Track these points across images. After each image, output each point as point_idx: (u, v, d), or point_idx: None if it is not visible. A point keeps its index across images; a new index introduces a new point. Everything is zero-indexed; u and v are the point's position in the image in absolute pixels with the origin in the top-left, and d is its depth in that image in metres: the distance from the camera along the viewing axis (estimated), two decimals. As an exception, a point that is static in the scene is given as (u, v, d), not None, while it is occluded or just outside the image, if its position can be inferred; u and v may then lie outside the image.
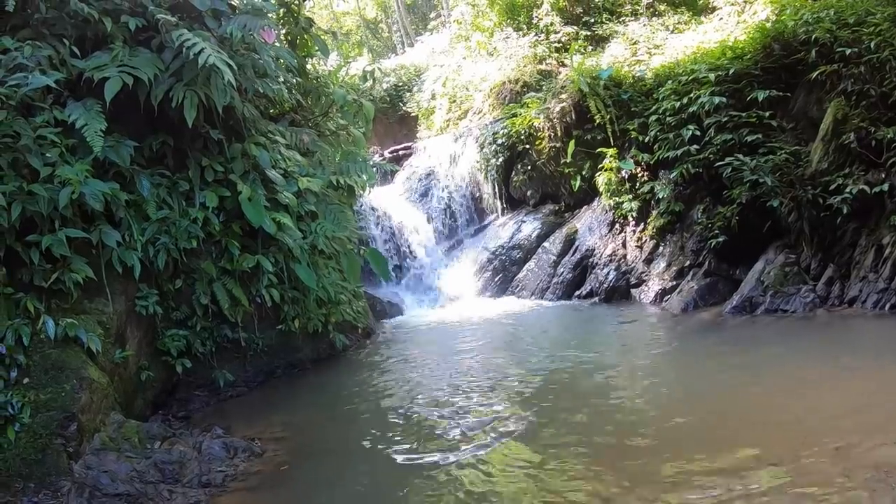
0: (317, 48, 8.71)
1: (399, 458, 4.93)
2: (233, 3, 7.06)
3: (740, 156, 8.50)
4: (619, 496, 3.97)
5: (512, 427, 5.33)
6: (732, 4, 12.66)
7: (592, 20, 14.97)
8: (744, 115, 8.83)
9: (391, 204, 12.60)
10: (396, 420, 5.78)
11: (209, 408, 6.61)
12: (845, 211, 7.50)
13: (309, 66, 9.14)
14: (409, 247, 12.08)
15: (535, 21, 15.61)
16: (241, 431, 5.67)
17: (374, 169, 10.40)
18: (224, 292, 6.69)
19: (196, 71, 6.03)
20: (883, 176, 7.31)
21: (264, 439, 5.53)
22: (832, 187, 7.70)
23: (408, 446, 5.14)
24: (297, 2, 8.42)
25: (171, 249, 6.21)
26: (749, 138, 8.65)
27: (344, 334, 8.16)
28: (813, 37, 8.25)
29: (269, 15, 7.36)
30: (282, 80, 7.86)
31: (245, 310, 6.91)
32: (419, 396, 6.39)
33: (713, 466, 4.13)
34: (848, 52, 7.79)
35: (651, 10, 14.64)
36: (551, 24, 15.22)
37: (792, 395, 5.35)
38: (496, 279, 11.63)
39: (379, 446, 5.23)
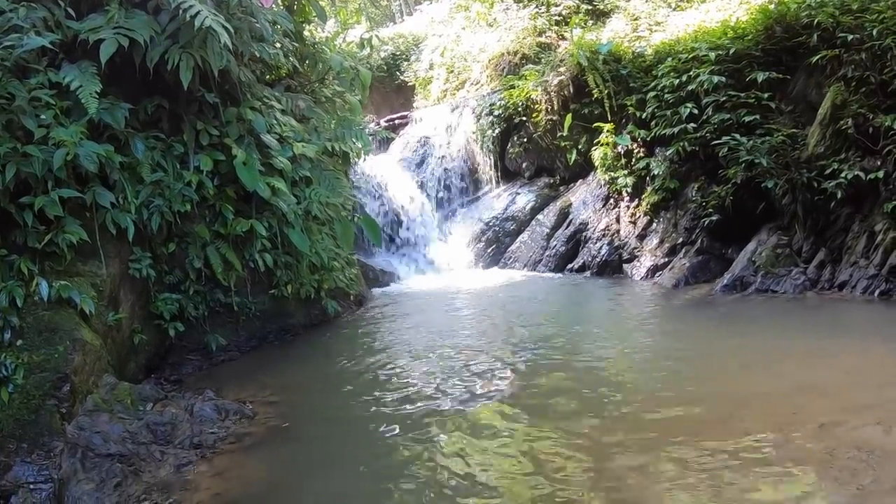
0: (314, 14, 8.62)
1: (389, 422, 4.99)
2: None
3: (737, 136, 8.50)
4: (602, 459, 4.07)
5: (500, 391, 5.44)
6: (738, -17, 12.55)
7: (594, -7, 14.84)
8: (742, 95, 8.81)
9: (386, 172, 12.57)
10: (387, 385, 5.84)
11: (201, 372, 6.63)
12: (839, 196, 7.53)
13: (306, 32, 9.06)
14: (403, 215, 12.08)
15: (536, -8, 15.46)
16: (232, 394, 5.72)
17: (370, 137, 10.37)
18: (217, 256, 6.70)
19: (192, 33, 5.97)
20: (879, 163, 7.33)
21: (256, 402, 5.58)
22: (827, 172, 7.72)
23: (398, 410, 5.20)
24: (296, -35, 8.34)
25: (164, 212, 6.19)
26: (747, 119, 8.64)
27: (336, 301, 8.18)
28: (815, 21, 8.20)
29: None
30: (278, 44, 7.79)
31: (238, 274, 6.92)
32: (410, 363, 6.45)
33: (699, 439, 4.20)
34: (850, 38, 7.75)
35: (654, -15, 14.48)
36: (553, -5, 15.09)
37: (779, 372, 5.43)
38: (489, 250, 11.67)
39: (370, 409, 5.30)
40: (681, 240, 9.46)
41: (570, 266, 10.60)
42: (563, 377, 5.71)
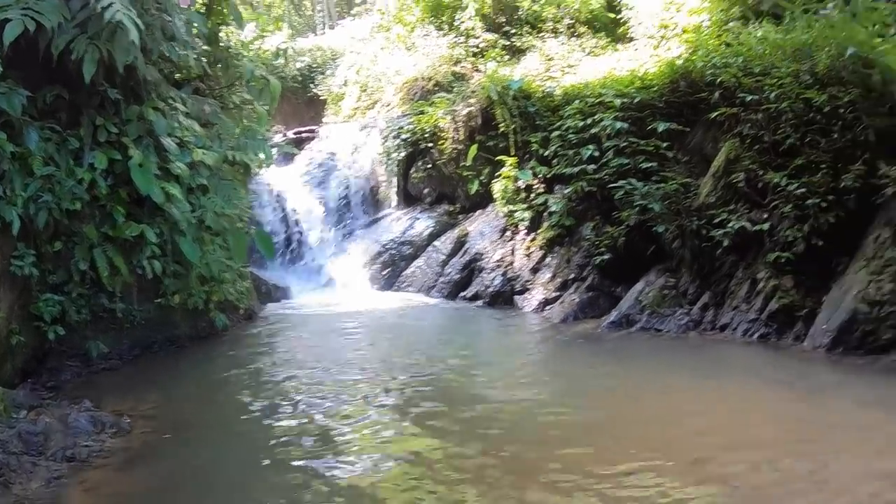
0: (232, 17, 8.45)
1: (269, 442, 4.92)
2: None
3: (634, 181, 8.85)
4: (476, 483, 4.17)
5: (379, 413, 5.51)
6: (649, 38, 13.11)
7: (513, 31, 15.18)
8: (642, 142, 9.19)
9: (289, 186, 12.38)
10: (271, 405, 5.73)
11: (80, 379, 6.35)
12: (726, 244, 7.93)
13: (222, 35, 8.86)
14: (302, 231, 11.92)
15: (457, 23, 15.68)
16: (111, 406, 5.48)
17: (274, 149, 10.21)
18: (104, 259, 6.42)
19: (102, 25, 5.76)
20: (765, 216, 7.77)
21: (134, 416, 5.36)
22: (716, 221, 8.11)
23: (279, 430, 5.13)
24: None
25: (53, 209, 5.91)
26: (644, 165, 9.02)
27: (225, 314, 7.97)
28: (719, 80, 8.63)
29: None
30: (190, 46, 7.59)
31: (124, 280, 6.66)
32: (296, 382, 6.35)
33: (570, 472, 4.31)
34: (749, 98, 8.20)
35: (571, 30, 14.96)
36: (473, 28, 15.34)
37: (656, 408, 5.63)
38: (385, 272, 11.66)
39: (250, 427, 5.23)
40: (572, 275, 9.71)
41: (463, 294, 10.70)
42: (440, 404, 5.76)
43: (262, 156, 8.74)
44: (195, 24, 7.47)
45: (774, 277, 7.57)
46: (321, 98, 18.12)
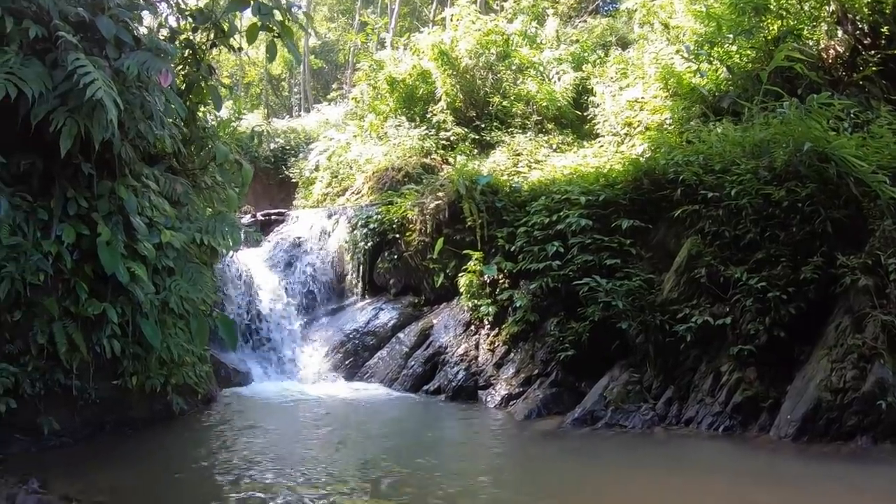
0: (210, 98, 8.55)
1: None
2: (139, 36, 6.87)
3: (598, 277, 8.94)
4: None
5: None
6: (614, 135, 13.61)
7: (483, 125, 15.66)
8: (607, 239, 9.35)
9: (254, 269, 12.26)
10: (224, 497, 5.51)
11: (30, 454, 6.10)
12: (689, 338, 8.01)
13: (199, 114, 8.92)
14: (265, 316, 11.75)
15: (429, 115, 16.14)
16: (60, 489, 5.19)
17: (242, 234, 10.16)
18: (63, 335, 6.26)
19: (82, 100, 5.78)
20: (727, 310, 7.91)
21: (83, 501, 5.07)
22: (679, 315, 8.23)
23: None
24: (203, 47, 8.29)
25: (15, 280, 5.77)
26: (608, 262, 9.16)
27: (183, 397, 7.74)
28: (681, 177, 8.91)
29: (172, 58, 7.22)
30: (167, 126, 7.63)
31: (82, 357, 6.46)
32: (250, 475, 6.10)
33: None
34: (710, 195, 8.47)
35: (539, 126, 15.47)
36: (444, 121, 15.80)
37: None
38: (347, 362, 11.47)
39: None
40: (536, 371, 9.65)
41: (426, 387, 10.54)
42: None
43: (230, 240, 8.67)
44: (173, 105, 7.52)
45: (738, 370, 7.66)
46: (293, 181, 18.25)
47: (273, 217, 14.46)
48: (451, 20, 17.50)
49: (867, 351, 6.72)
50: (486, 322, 10.63)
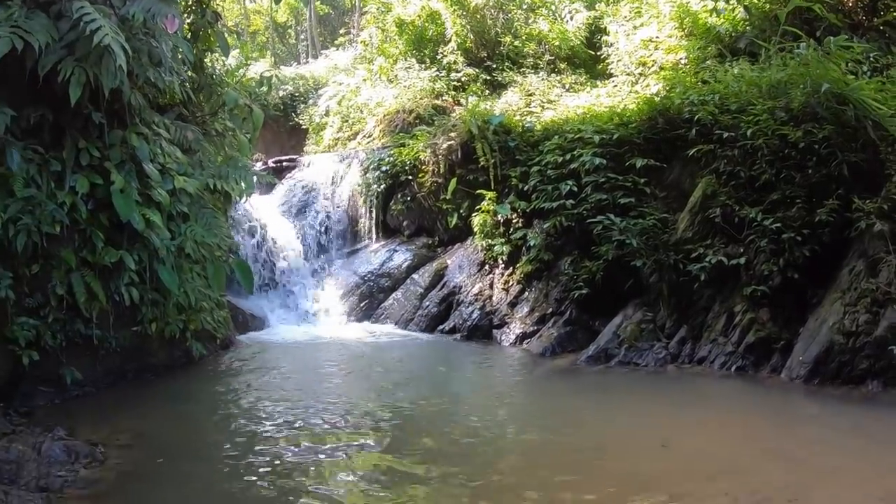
0: (218, 44, 8.45)
1: (243, 473, 4.85)
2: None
3: (612, 216, 8.93)
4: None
5: (359, 443, 5.52)
6: (628, 74, 13.38)
7: (494, 66, 15.42)
8: (621, 178, 9.30)
9: (268, 215, 12.30)
10: (247, 435, 5.65)
11: (54, 405, 6.21)
12: (703, 278, 8.03)
13: (207, 61, 8.85)
14: (280, 261, 11.83)
15: (439, 57, 15.91)
16: (85, 435, 5.34)
17: (255, 178, 10.16)
18: (82, 284, 6.31)
19: (89, 48, 5.72)
20: (741, 250, 7.90)
21: (109, 446, 5.24)
22: (693, 255, 8.23)
23: (256, 462, 5.03)
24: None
25: (32, 232, 5.80)
26: (622, 201, 9.13)
27: (202, 343, 7.86)
28: (696, 117, 8.79)
29: (177, 3, 7.12)
30: (176, 72, 7.57)
31: (101, 306, 6.52)
32: (272, 414, 6.26)
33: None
34: (725, 135, 8.38)
35: (551, 66, 15.21)
36: (455, 62, 15.56)
37: (632, 442, 5.62)
38: (362, 304, 11.59)
39: (224, 460, 5.12)
40: (551, 310, 9.72)
41: (441, 327, 10.65)
42: (421, 436, 5.75)
43: (243, 185, 8.67)
44: (181, 50, 7.44)
45: (751, 310, 7.69)
46: (303, 127, 18.14)
47: (285, 163, 14.40)
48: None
49: (881, 296, 6.71)
50: (500, 262, 10.66)
